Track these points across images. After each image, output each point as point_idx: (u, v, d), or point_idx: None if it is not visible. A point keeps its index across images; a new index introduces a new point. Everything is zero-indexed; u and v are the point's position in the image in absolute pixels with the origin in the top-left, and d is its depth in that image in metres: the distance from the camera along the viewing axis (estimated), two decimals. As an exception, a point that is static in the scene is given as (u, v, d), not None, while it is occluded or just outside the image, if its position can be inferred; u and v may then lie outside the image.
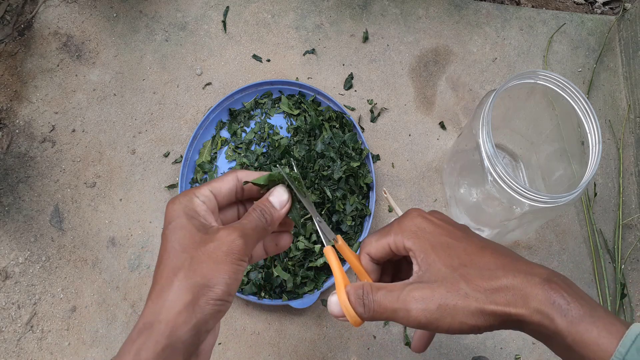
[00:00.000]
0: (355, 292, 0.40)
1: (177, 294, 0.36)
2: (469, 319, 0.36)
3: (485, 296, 0.36)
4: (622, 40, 0.92)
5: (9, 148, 0.81)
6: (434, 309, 0.37)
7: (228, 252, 0.38)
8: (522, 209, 0.60)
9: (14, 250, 0.77)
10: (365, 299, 0.39)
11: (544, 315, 0.35)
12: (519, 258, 0.39)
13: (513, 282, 0.36)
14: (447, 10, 0.93)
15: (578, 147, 0.64)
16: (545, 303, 0.35)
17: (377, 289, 0.39)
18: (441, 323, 0.37)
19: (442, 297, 0.37)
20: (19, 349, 0.73)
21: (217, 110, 0.81)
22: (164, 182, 0.81)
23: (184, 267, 0.37)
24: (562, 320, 0.34)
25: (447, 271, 0.38)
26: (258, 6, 0.91)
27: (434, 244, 0.40)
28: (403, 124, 0.86)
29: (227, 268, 0.38)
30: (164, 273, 0.38)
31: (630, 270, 0.80)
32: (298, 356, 0.74)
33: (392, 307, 0.38)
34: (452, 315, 0.36)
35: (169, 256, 0.38)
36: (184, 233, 0.39)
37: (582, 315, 0.34)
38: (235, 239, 0.39)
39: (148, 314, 0.37)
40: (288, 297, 0.73)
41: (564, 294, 0.35)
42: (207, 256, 0.38)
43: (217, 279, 0.37)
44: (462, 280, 0.37)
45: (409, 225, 0.41)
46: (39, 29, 0.88)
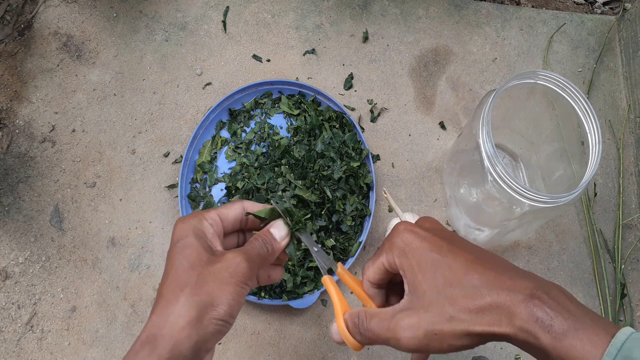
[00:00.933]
0: (352, 321, 0.42)
1: (182, 309, 0.37)
2: (456, 341, 0.37)
3: (470, 317, 0.37)
4: (622, 40, 0.92)
5: (9, 148, 0.81)
6: (422, 336, 0.38)
7: (233, 274, 0.40)
8: (522, 209, 0.60)
9: (14, 250, 0.77)
10: (360, 327, 0.41)
11: (528, 333, 0.35)
12: (505, 271, 0.39)
13: (497, 300, 0.36)
14: (447, 10, 0.93)
15: (578, 147, 0.64)
16: (529, 321, 0.35)
17: (371, 317, 0.41)
18: (430, 347, 0.38)
19: (428, 323, 0.38)
20: (19, 349, 0.73)
21: (217, 110, 0.81)
22: (164, 182, 0.81)
23: (190, 284, 0.38)
24: (546, 337, 0.34)
25: (432, 294, 0.39)
26: (258, 6, 0.91)
27: (420, 262, 0.40)
28: (403, 124, 0.86)
29: (232, 289, 0.39)
30: (170, 288, 0.39)
31: (630, 270, 0.80)
32: (298, 356, 0.74)
33: (384, 336, 0.39)
34: (439, 340, 0.37)
35: (176, 272, 0.39)
36: (192, 251, 0.40)
37: (565, 330, 0.34)
38: (241, 262, 0.40)
39: (152, 326, 0.37)
40: (288, 297, 0.73)
41: (547, 310, 0.35)
42: (213, 276, 0.39)
43: (222, 298, 0.38)
44: (447, 303, 0.38)
45: (397, 242, 0.42)
46: (39, 29, 0.88)
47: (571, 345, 0.34)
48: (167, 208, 0.80)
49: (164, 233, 0.79)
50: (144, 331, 0.38)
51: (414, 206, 0.82)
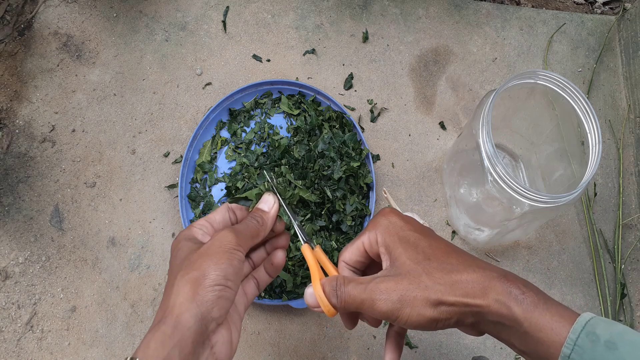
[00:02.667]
0: (330, 284, 0.43)
1: (177, 289, 0.40)
2: (427, 310, 0.39)
3: (444, 288, 0.39)
4: (622, 40, 0.92)
5: (9, 148, 0.81)
6: (396, 299, 0.39)
7: (219, 245, 0.42)
8: (522, 209, 0.60)
9: (14, 250, 0.77)
10: (337, 290, 0.42)
11: (501, 304, 0.37)
12: (478, 258, 0.42)
13: (472, 275, 0.39)
14: (447, 10, 0.93)
15: (578, 147, 0.64)
16: (503, 293, 0.38)
17: (349, 281, 0.42)
18: (401, 314, 0.39)
19: (404, 288, 0.40)
20: (19, 349, 0.73)
21: (217, 110, 0.81)
22: (164, 182, 0.81)
23: (181, 269, 0.41)
24: (518, 307, 0.37)
25: (411, 265, 0.41)
26: (258, 6, 0.91)
27: (402, 238, 0.43)
28: (403, 124, 0.86)
29: (219, 256, 0.42)
30: (169, 282, 0.42)
31: (630, 270, 0.80)
32: (298, 356, 0.74)
33: (360, 298, 0.41)
34: (411, 306, 0.39)
35: (172, 269, 0.43)
36: (184, 249, 0.44)
37: (536, 303, 0.37)
38: (225, 233, 0.43)
39: (157, 316, 0.40)
40: (288, 297, 0.73)
41: (520, 285, 0.38)
42: (200, 254, 0.42)
43: (211, 267, 0.41)
44: (424, 274, 0.40)
45: (381, 220, 0.45)
46: (39, 29, 0.88)
47: (541, 316, 0.37)
48: (167, 208, 0.80)
49: (164, 233, 0.79)
50: (152, 323, 0.40)
51: (414, 206, 0.82)
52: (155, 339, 0.37)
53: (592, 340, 0.34)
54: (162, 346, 0.37)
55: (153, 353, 0.36)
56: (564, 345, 0.35)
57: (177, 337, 0.37)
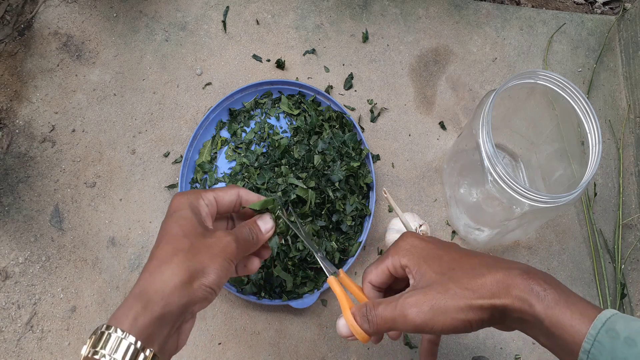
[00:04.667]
0: (360, 312, 0.45)
1: (175, 271, 0.40)
2: (460, 314, 0.40)
3: (471, 292, 0.40)
4: (622, 40, 0.92)
5: (9, 148, 0.81)
6: (427, 310, 0.40)
7: (223, 249, 0.43)
8: (522, 209, 0.60)
9: (14, 250, 0.77)
10: (368, 315, 0.44)
11: (523, 301, 0.38)
12: (501, 258, 0.44)
13: (496, 276, 0.40)
14: (447, 10, 0.93)
15: (578, 147, 0.64)
16: (525, 290, 0.39)
17: (378, 304, 0.44)
18: (435, 322, 0.40)
19: (433, 298, 0.41)
20: (19, 349, 0.73)
21: (217, 110, 0.81)
22: (164, 182, 0.81)
23: (184, 250, 0.42)
24: (540, 304, 0.38)
25: (437, 276, 0.42)
26: (258, 6, 0.91)
27: (426, 257, 0.44)
28: (403, 124, 0.86)
29: (221, 261, 0.43)
30: (163, 251, 0.42)
31: (630, 270, 0.80)
32: (298, 356, 0.74)
33: (391, 317, 0.42)
34: (444, 313, 0.40)
35: (171, 238, 0.43)
36: (187, 223, 0.44)
37: (557, 300, 0.38)
38: (231, 241, 0.44)
39: (144, 283, 0.40)
40: (288, 297, 0.73)
41: (541, 282, 0.39)
42: (205, 247, 0.42)
43: (212, 268, 0.42)
44: (450, 282, 0.41)
45: (403, 245, 0.46)
46: (39, 29, 0.88)
47: (562, 313, 0.37)
48: (167, 208, 0.80)
49: (164, 233, 0.79)
50: (136, 286, 0.40)
51: (414, 206, 0.82)
52: (144, 316, 0.38)
53: (612, 336, 0.35)
54: (150, 324, 0.38)
55: (141, 328, 0.38)
56: (584, 340, 0.36)
57: (162, 320, 0.39)
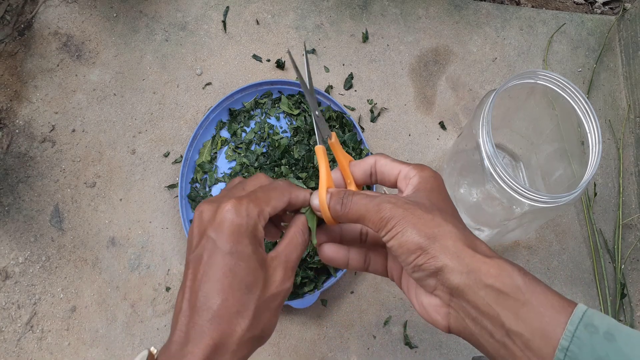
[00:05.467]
0: (337, 193, 0.41)
1: (240, 346, 0.36)
2: (422, 238, 0.36)
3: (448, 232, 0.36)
4: (622, 40, 0.92)
5: (9, 148, 0.81)
6: (400, 212, 0.36)
7: (281, 302, 0.39)
8: (522, 209, 0.60)
9: (14, 250, 0.77)
10: (344, 198, 0.40)
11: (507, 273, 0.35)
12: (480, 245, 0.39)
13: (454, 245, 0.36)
14: (447, 10, 0.93)
15: (578, 147, 0.64)
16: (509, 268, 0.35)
17: (357, 193, 0.40)
18: (397, 226, 0.36)
19: (411, 208, 0.37)
20: (19, 349, 0.73)
21: (217, 110, 0.81)
22: (164, 182, 0.81)
23: (248, 317, 0.36)
24: (521, 279, 0.35)
25: (427, 202, 0.38)
26: (258, 6, 0.91)
27: (433, 188, 0.40)
28: (403, 124, 0.86)
29: (277, 318, 0.39)
30: (226, 312, 0.36)
31: (630, 270, 0.80)
32: (298, 356, 0.74)
33: (365, 207, 0.38)
34: (411, 224, 0.36)
35: (234, 295, 0.36)
36: (249, 271, 0.37)
37: (537, 281, 0.35)
38: (289, 287, 0.40)
39: (208, 352, 0.35)
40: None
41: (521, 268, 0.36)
42: (266, 306, 0.38)
43: (270, 330, 0.39)
44: (437, 211, 0.37)
45: (428, 172, 0.41)
46: (39, 29, 0.88)
47: (543, 292, 0.34)
48: (167, 208, 0.80)
49: (164, 233, 0.79)
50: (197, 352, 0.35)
51: (414, 206, 0.82)
52: None
53: (591, 331, 0.33)
54: None
55: None
56: (562, 337, 0.33)
57: None
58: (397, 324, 0.76)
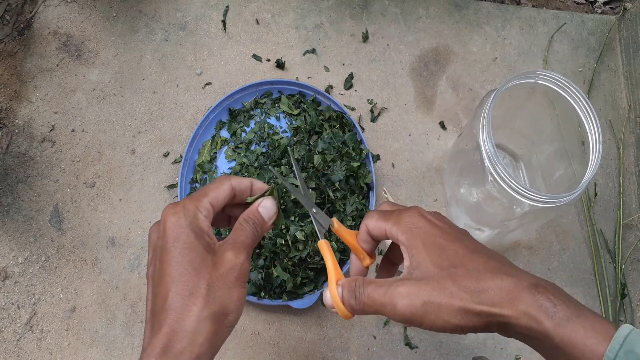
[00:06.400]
0: (349, 285, 0.41)
1: (199, 324, 0.37)
2: (452, 317, 0.36)
3: (471, 296, 0.36)
4: (623, 40, 0.92)
5: (9, 148, 0.81)
6: (419, 305, 0.37)
7: (239, 277, 0.40)
8: (522, 209, 0.60)
9: (14, 250, 0.77)
10: (357, 292, 0.40)
11: (530, 318, 0.35)
12: (509, 263, 0.40)
13: (500, 283, 0.37)
14: (448, 9, 0.92)
15: (578, 147, 0.64)
16: (533, 306, 0.35)
17: (368, 283, 0.40)
18: (425, 320, 0.37)
19: (427, 294, 0.37)
20: (19, 349, 0.73)
21: (216, 110, 0.81)
22: (164, 182, 0.81)
23: (201, 295, 0.38)
24: (550, 322, 0.34)
25: (435, 270, 0.38)
26: (258, 6, 0.91)
27: (426, 243, 0.40)
28: (403, 124, 0.86)
29: (239, 293, 0.39)
30: (179, 297, 0.37)
31: (630, 271, 0.80)
32: (298, 356, 0.74)
33: (380, 301, 0.39)
34: (436, 313, 0.37)
35: (182, 278, 0.38)
36: (195, 255, 0.39)
37: (569, 316, 0.34)
38: (244, 262, 0.40)
39: (166, 339, 0.36)
40: (288, 298, 0.73)
41: (551, 297, 0.35)
42: (221, 281, 0.39)
43: (233, 305, 0.39)
44: (449, 280, 0.37)
45: (406, 220, 0.42)
46: (38, 29, 0.88)
47: (574, 331, 0.34)
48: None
49: (163, 233, 0.79)
50: (156, 340, 0.36)
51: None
52: None
53: (632, 359, 0.32)
54: None
55: None
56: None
57: None
58: (398, 325, 0.76)
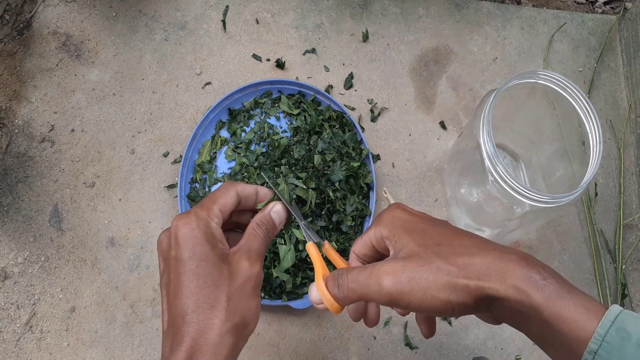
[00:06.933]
0: (332, 276, 0.41)
1: (222, 337, 0.37)
2: (441, 292, 0.35)
3: (458, 269, 0.35)
4: (623, 40, 0.91)
5: (8, 148, 0.81)
6: (405, 282, 0.36)
7: (255, 287, 0.40)
8: (522, 209, 0.60)
9: (13, 251, 0.77)
10: (339, 279, 0.40)
11: (520, 291, 0.34)
12: (495, 242, 0.39)
13: (488, 258, 0.36)
14: (448, 9, 0.92)
15: (579, 146, 0.64)
16: (522, 278, 0.34)
17: (352, 269, 0.40)
18: (413, 297, 0.36)
19: (413, 270, 0.36)
20: (18, 349, 0.73)
21: (216, 109, 0.81)
22: (164, 182, 0.81)
23: (222, 307, 0.38)
24: (539, 295, 0.34)
25: (419, 249, 0.38)
26: (258, 5, 0.91)
27: (409, 229, 0.40)
28: (403, 124, 0.86)
29: (256, 302, 0.40)
30: (200, 310, 0.37)
31: (631, 271, 0.80)
32: (298, 357, 0.74)
33: (365, 282, 0.38)
34: (423, 288, 0.35)
35: (203, 293, 0.38)
36: (212, 267, 0.39)
37: (559, 290, 0.34)
38: (259, 271, 0.41)
39: (189, 353, 0.36)
40: (288, 298, 0.72)
41: (541, 270, 0.35)
42: (240, 293, 0.39)
43: (251, 315, 0.39)
44: (434, 256, 0.37)
45: (387, 216, 0.42)
46: (38, 29, 0.88)
47: (565, 306, 0.33)
48: (166, 208, 0.80)
49: (163, 233, 0.79)
50: (178, 355, 0.36)
51: (414, 206, 0.82)
52: None
53: (622, 337, 0.32)
54: None
55: None
56: (592, 340, 0.32)
57: None
58: (398, 325, 0.76)
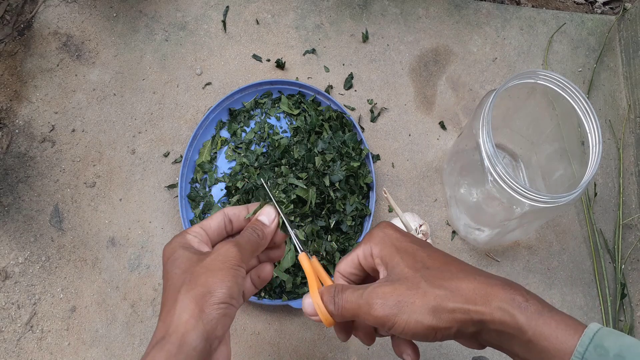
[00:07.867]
0: (328, 292, 0.43)
1: (182, 306, 0.38)
2: (425, 317, 0.37)
3: (444, 293, 0.38)
4: (622, 40, 0.92)
5: (9, 148, 0.81)
6: (392, 304, 0.38)
7: (224, 260, 0.41)
8: (522, 209, 0.60)
9: (14, 250, 0.77)
10: (335, 297, 0.42)
11: (504, 312, 0.36)
12: (480, 269, 0.41)
13: (474, 283, 0.38)
14: (447, 10, 0.93)
15: (578, 147, 0.64)
16: (506, 300, 0.37)
17: (346, 288, 0.42)
18: (397, 320, 0.38)
19: (401, 294, 0.38)
20: (19, 349, 0.73)
21: (217, 110, 0.81)
22: (164, 182, 0.81)
23: (185, 283, 0.40)
24: (522, 315, 0.36)
25: (409, 272, 0.40)
26: (258, 6, 0.91)
27: (399, 248, 0.42)
28: (403, 124, 0.86)
29: (225, 273, 0.40)
30: (168, 295, 0.40)
31: (630, 270, 0.80)
32: (298, 356, 0.74)
33: (357, 303, 0.40)
34: (409, 312, 0.38)
35: (171, 281, 0.41)
36: (182, 260, 0.42)
37: (540, 310, 0.36)
38: (229, 248, 0.42)
39: (159, 331, 0.38)
40: (288, 297, 0.73)
41: (523, 293, 0.37)
42: (204, 268, 0.40)
43: (217, 284, 0.39)
44: (422, 280, 0.39)
45: (377, 233, 0.44)
46: (38, 29, 0.88)
47: (546, 324, 0.36)
48: (167, 208, 0.80)
49: (163, 233, 0.79)
50: (152, 338, 0.38)
51: (414, 206, 0.82)
52: (160, 358, 0.36)
53: (600, 354, 0.34)
54: None
55: None
56: (572, 358, 0.34)
57: (182, 356, 0.36)
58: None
